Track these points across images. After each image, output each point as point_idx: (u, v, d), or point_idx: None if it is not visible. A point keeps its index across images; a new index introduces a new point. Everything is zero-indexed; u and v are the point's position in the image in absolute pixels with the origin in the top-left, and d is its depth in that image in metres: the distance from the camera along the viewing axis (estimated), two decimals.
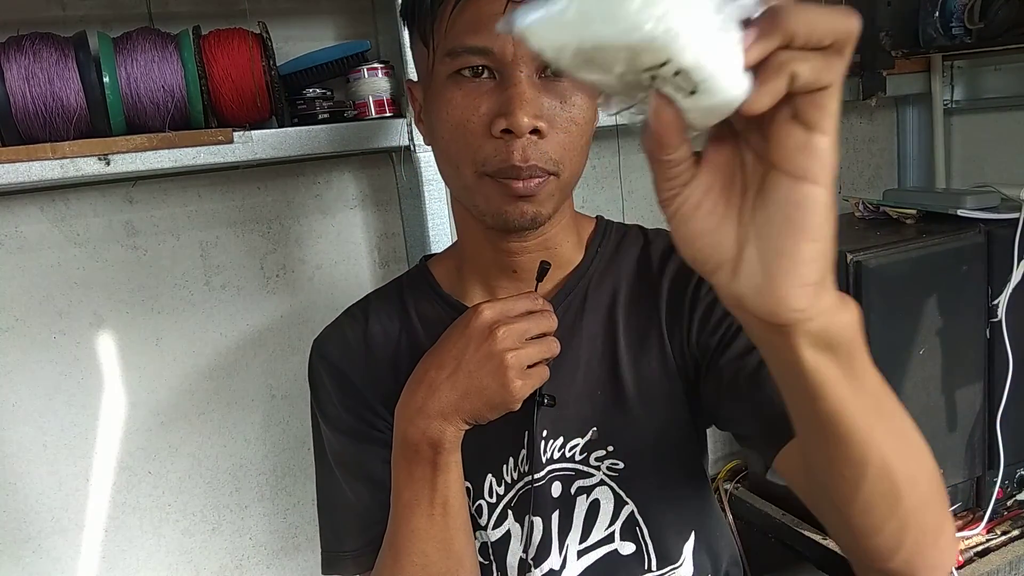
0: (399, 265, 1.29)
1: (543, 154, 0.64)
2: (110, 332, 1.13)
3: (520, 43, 0.61)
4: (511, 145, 0.63)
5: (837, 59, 0.35)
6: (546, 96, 0.64)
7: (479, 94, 0.64)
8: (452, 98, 0.65)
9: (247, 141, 1.01)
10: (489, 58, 0.63)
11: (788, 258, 0.38)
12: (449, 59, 0.64)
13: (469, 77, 0.64)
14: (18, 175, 0.90)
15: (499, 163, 0.64)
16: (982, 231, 1.20)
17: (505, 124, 0.62)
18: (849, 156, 1.69)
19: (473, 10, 0.63)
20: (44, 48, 0.89)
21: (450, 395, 0.65)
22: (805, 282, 0.38)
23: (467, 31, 0.63)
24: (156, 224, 1.14)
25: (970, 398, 1.23)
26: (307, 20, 1.17)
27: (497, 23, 0.60)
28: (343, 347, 0.79)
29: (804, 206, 0.38)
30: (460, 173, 0.67)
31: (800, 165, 0.37)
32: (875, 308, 1.11)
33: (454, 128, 0.65)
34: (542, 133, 0.63)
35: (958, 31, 1.44)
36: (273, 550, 1.27)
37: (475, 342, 0.65)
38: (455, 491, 0.68)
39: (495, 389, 0.64)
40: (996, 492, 1.27)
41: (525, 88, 0.62)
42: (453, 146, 0.66)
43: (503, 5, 0.61)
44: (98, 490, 1.15)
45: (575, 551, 0.75)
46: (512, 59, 0.62)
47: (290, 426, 1.25)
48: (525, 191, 0.65)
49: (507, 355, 0.64)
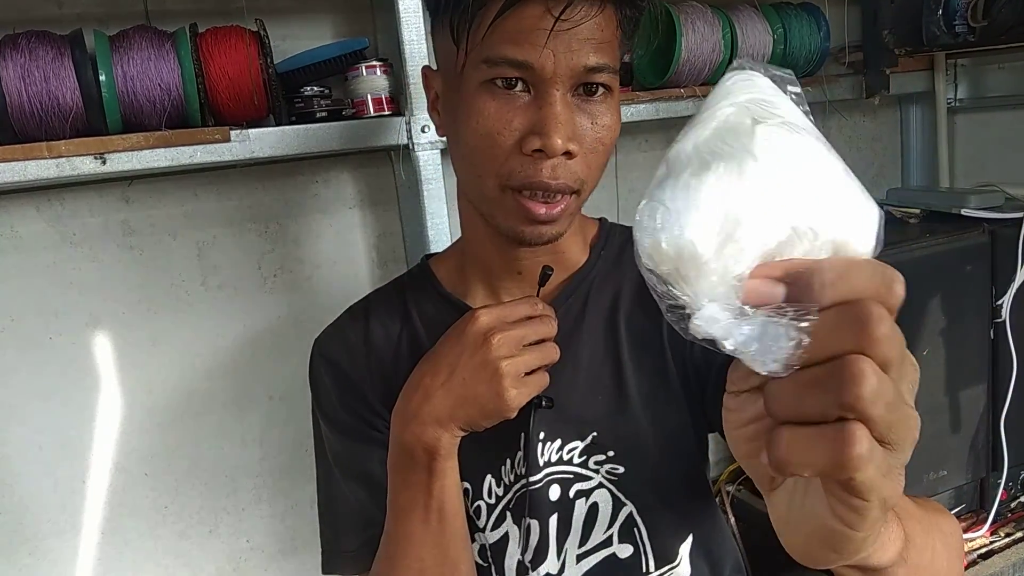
0: (398, 265, 1.29)
1: (572, 173, 0.63)
2: (106, 333, 1.12)
3: (559, 60, 0.61)
4: (540, 164, 0.62)
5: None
6: (579, 115, 0.63)
7: (512, 108, 0.63)
8: (484, 108, 0.63)
9: (244, 140, 1.00)
10: (527, 72, 0.62)
11: (819, 536, 0.37)
12: (485, 66, 0.62)
13: (503, 88, 0.63)
14: (14, 174, 0.90)
15: (525, 179, 0.63)
16: (986, 231, 1.19)
17: (539, 144, 0.61)
18: (852, 155, 1.68)
19: (516, 22, 0.61)
20: (40, 46, 0.89)
21: (444, 402, 0.64)
22: (836, 556, 0.37)
23: (508, 41, 0.61)
24: (153, 224, 1.13)
25: (974, 399, 1.22)
26: (305, 18, 1.17)
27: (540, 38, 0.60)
28: (344, 347, 0.79)
29: (836, 533, 0.36)
30: (482, 183, 0.66)
31: (837, 512, 0.35)
32: None
33: (482, 138, 0.64)
34: (573, 155, 0.63)
35: (961, 29, 1.44)
36: (270, 552, 1.27)
37: (470, 349, 0.64)
38: (451, 496, 0.68)
39: (489, 397, 0.63)
40: (1000, 494, 1.26)
41: (560, 109, 0.61)
42: (478, 156, 0.65)
43: (548, 21, 0.60)
44: (95, 492, 1.14)
45: (574, 555, 0.74)
46: (551, 76, 0.61)
47: (288, 428, 1.25)
48: (547, 217, 0.64)
49: (502, 363, 0.63)
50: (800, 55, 1.36)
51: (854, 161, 1.66)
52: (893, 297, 0.33)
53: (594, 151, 0.65)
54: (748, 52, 1.31)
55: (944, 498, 1.26)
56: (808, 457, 0.32)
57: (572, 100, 0.63)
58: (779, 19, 1.34)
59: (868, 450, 0.31)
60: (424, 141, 1.07)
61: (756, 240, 0.34)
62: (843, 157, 0.38)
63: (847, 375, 0.31)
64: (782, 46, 1.34)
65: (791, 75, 0.38)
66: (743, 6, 1.33)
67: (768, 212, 0.34)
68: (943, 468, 1.22)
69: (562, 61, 0.61)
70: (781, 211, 0.34)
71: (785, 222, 0.34)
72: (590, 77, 0.63)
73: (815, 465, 0.32)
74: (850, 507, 0.34)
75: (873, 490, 0.33)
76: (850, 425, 0.31)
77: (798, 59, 1.37)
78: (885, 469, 0.33)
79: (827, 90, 1.44)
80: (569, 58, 0.61)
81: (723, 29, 1.27)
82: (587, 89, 0.64)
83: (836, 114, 1.63)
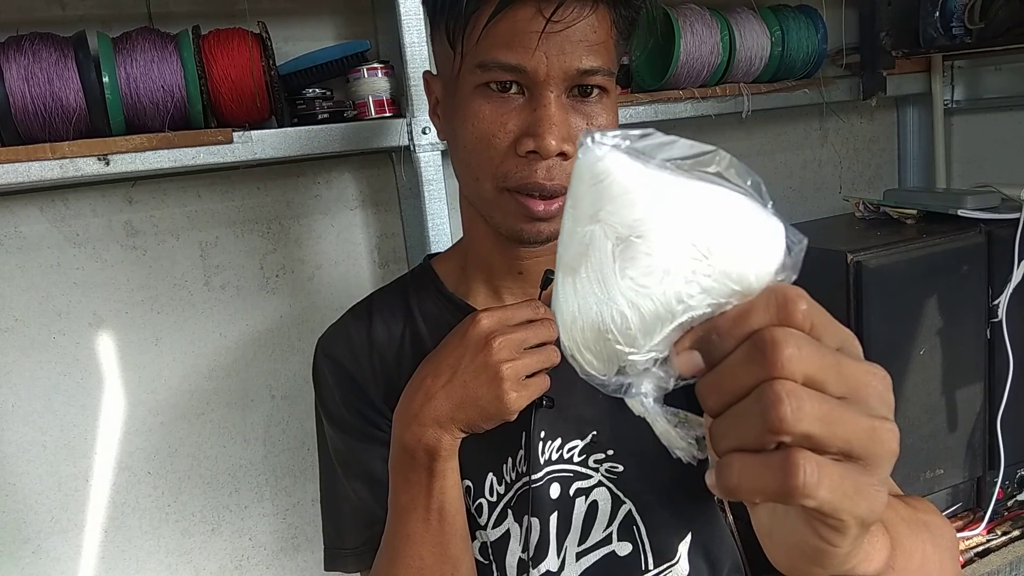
0: (399, 265, 1.29)
1: (567, 174, 0.64)
2: (109, 332, 1.13)
3: (552, 63, 0.61)
4: (535, 164, 0.63)
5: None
6: (574, 116, 0.64)
7: (507, 110, 0.64)
8: (479, 111, 0.64)
9: (247, 141, 1.01)
10: (521, 75, 0.62)
11: (801, 552, 0.37)
12: (480, 71, 0.63)
13: (497, 91, 0.64)
14: (17, 175, 0.90)
15: (521, 179, 0.64)
16: (982, 231, 1.20)
17: (532, 146, 0.62)
18: (849, 156, 1.68)
19: (508, 25, 0.61)
20: (43, 48, 0.89)
21: (445, 404, 0.65)
22: (819, 570, 0.37)
23: (501, 45, 0.62)
24: (156, 224, 1.14)
25: (970, 398, 1.23)
26: (307, 20, 1.17)
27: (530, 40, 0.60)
28: (347, 345, 0.79)
29: (817, 549, 0.36)
30: (480, 185, 0.67)
31: (815, 530, 0.35)
32: (875, 308, 1.11)
33: (478, 141, 0.65)
34: (568, 155, 0.63)
35: (958, 31, 1.45)
36: (273, 551, 1.27)
37: (471, 352, 0.64)
38: (451, 497, 0.68)
39: (489, 400, 0.63)
40: (996, 492, 1.27)
41: (554, 110, 0.62)
42: (475, 158, 0.66)
43: (540, 23, 0.60)
44: (97, 491, 1.15)
45: (574, 553, 0.75)
46: (544, 79, 0.62)
47: (290, 427, 1.25)
48: (545, 215, 0.65)
49: (503, 367, 0.63)
50: (797, 57, 1.37)
51: (851, 162, 1.68)
52: (796, 315, 0.33)
53: None
54: (746, 54, 1.31)
55: (941, 497, 1.27)
56: (756, 484, 0.32)
57: (567, 101, 0.64)
58: (777, 21, 1.35)
59: (814, 474, 0.31)
60: (425, 143, 1.08)
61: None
62: (840, 158, 0.38)
63: (765, 403, 0.31)
64: (780, 48, 1.35)
65: (651, 131, 0.36)
66: (741, 8, 1.34)
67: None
68: (940, 467, 1.22)
69: (555, 63, 0.61)
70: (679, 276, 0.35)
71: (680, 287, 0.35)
72: (584, 79, 0.63)
73: (764, 492, 0.32)
74: (826, 526, 0.34)
75: (841, 510, 0.33)
76: (792, 451, 0.31)
77: (795, 61, 1.38)
78: (852, 487, 0.32)
79: (824, 92, 1.44)
80: (562, 60, 0.61)
81: (721, 31, 1.28)
82: (582, 90, 0.64)
83: (833, 116, 1.64)
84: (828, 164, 1.67)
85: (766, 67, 1.35)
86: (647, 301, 0.35)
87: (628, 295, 0.35)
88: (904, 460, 0.67)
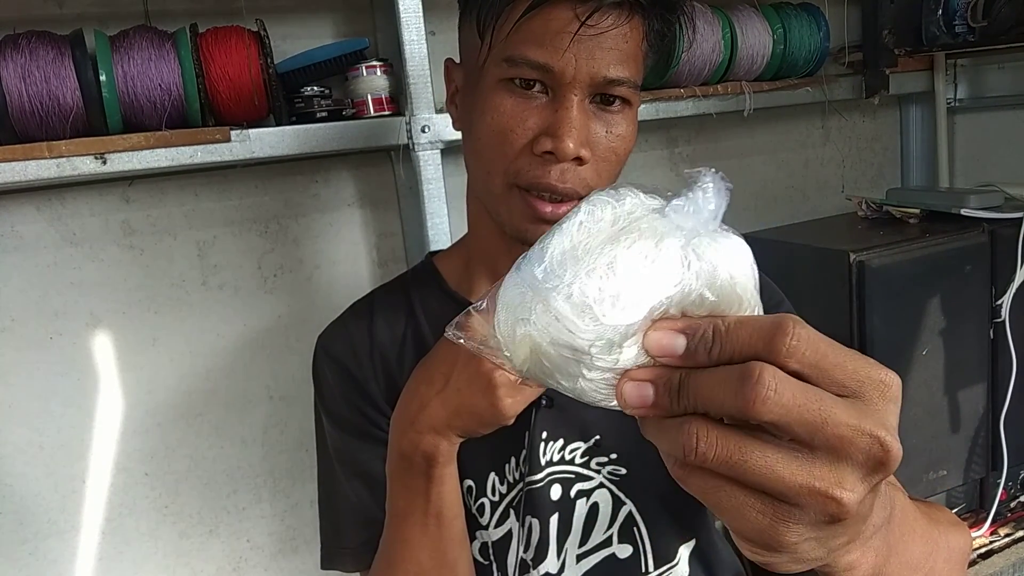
0: (398, 265, 1.29)
1: (581, 180, 0.64)
2: (107, 332, 1.12)
3: (580, 66, 0.61)
4: (549, 165, 0.63)
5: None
6: (594, 123, 0.64)
7: (528, 107, 0.63)
8: (500, 105, 0.64)
9: (244, 140, 1.00)
10: (547, 75, 0.62)
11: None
12: (506, 64, 0.63)
13: (521, 87, 0.63)
14: (14, 174, 0.90)
15: (533, 179, 0.63)
16: (986, 231, 1.19)
17: (550, 146, 0.62)
18: (852, 155, 1.68)
19: (542, 23, 0.61)
20: (40, 46, 0.89)
21: (441, 412, 0.64)
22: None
23: (530, 42, 0.61)
24: (153, 223, 1.13)
25: (974, 399, 1.22)
26: (305, 18, 1.17)
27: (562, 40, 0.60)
28: (348, 343, 0.79)
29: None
30: (491, 179, 0.66)
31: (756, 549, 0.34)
32: (878, 308, 1.10)
33: (495, 135, 0.64)
34: (584, 161, 0.63)
35: (961, 29, 1.44)
36: (271, 552, 1.27)
37: (463, 360, 0.63)
38: (449, 502, 0.67)
39: (485, 408, 0.62)
40: (1000, 494, 1.26)
41: (576, 113, 0.62)
42: (489, 152, 0.65)
43: (574, 25, 0.60)
44: (95, 492, 1.14)
45: (574, 555, 0.74)
46: (569, 81, 0.61)
47: (288, 427, 1.25)
48: (552, 217, 0.64)
49: (495, 374, 0.61)
50: (800, 55, 1.36)
51: (854, 161, 1.67)
52: (777, 354, 0.32)
53: (606, 160, 0.65)
54: (748, 52, 1.31)
55: (943, 498, 1.26)
56: (742, 529, 0.33)
57: (589, 107, 0.64)
58: (779, 19, 1.34)
59: (794, 535, 0.32)
60: (424, 141, 1.07)
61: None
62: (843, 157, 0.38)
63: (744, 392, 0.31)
64: (782, 46, 1.34)
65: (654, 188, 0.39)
66: (743, 6, 1.33)
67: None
68: (943, 468, 1.22)
69: (583, 67, 0.61)
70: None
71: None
72: (609, 89, 0.63)
73: (749, 542, 0.33)
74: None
75: (836, 565, 0.33)
76: (780, 507, 0.32)
77: (797, 59, 1.37)
78: (844, 541, 0.32)
79: (827, 90, 1.44)
80: (590, 65, 0.61)
81: (723, 29, 1.27)
82: (605, 99, 0.64)
83: (836, 114, 1.63)
84: (830, 163, 1.66)
85: (768, 65, 1.35)
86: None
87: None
88: (907, 461, 0.67)
